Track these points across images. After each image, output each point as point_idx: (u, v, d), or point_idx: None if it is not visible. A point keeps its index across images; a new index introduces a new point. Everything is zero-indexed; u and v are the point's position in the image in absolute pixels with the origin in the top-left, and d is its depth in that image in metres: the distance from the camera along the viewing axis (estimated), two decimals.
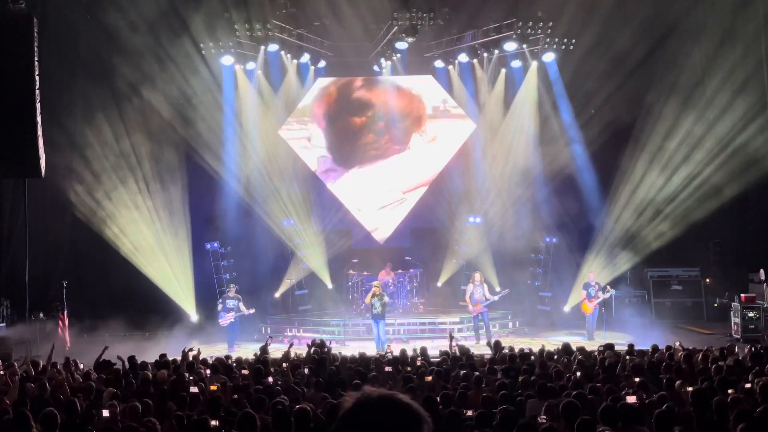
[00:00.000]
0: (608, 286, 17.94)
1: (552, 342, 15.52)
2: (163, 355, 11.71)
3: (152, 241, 19.40)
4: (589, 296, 17.55)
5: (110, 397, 8.49)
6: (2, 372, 10.41)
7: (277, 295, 20.56)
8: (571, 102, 20.57)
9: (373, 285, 16.85)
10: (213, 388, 8.97)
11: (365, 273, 20.30)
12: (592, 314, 17.59)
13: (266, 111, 21.05)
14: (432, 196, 21.53)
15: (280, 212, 20.64)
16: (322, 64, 20.84)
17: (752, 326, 17.15)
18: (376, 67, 21.05)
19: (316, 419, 7.14)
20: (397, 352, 12.62)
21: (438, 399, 7.78)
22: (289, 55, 20.29)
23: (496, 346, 12.48)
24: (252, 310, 17.40)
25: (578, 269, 19.86)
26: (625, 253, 19.96)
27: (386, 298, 16.84)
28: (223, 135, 20.50)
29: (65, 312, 17.22)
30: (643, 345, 12.96)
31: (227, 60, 19.86)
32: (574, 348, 12.12)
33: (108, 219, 19.14)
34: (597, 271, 18.87)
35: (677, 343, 12.14)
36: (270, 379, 9.86)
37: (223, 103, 20.42)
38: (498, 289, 18.39)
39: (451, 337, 13.33)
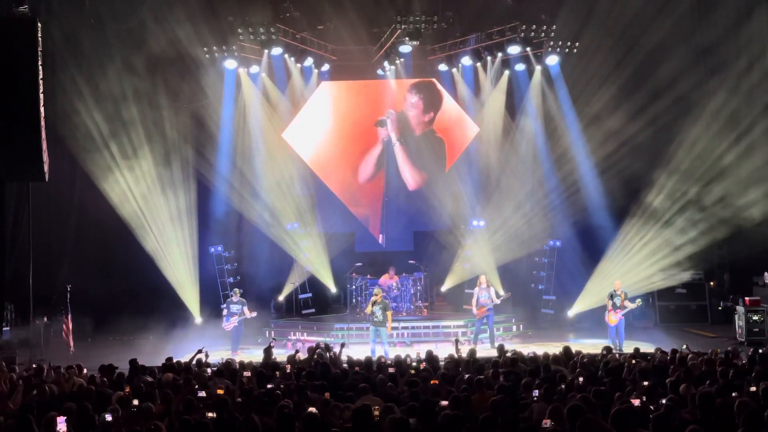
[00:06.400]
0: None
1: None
2: (169, 359, 11.70)
3: (157, 245, 19.42)
4: (615, 306, 16.51)
5: (115, 401, 8.47)
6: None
7: (281, 298, 20.57)
8: (575, 105, 20.53)
9: (374, 293, 16.51)
10: (219, 391, 8.95)
11: (368, 276, 20.27)
12: (616, 326, 16.44)
13: (270, 114, 21.07)
14: (435, 200, 21.49)
15: (284, 216, 20.62)
16: (325, 67, 20.86)
17: (756, 329, 17.16)
18: (379, 71, 21.05)
19: (321, 423, 7.12)
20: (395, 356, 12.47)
21: (441, 403, 7.76)
22: (292, 59, 20.32)
23: (500, 350, 12.45)
24: (254, 314, 17.40)
25: (584, 274, 19.78)
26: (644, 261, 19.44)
27: (389, 305, 16.66)
28: (226, 138, 20.50)
29: (69, 316, 17.20)
30: (647, 348, 12.93)
31: (230, 64, 19.89)
32: (574, 351, 12.09)
33: (112, 222, 19.14)
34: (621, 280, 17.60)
35: (684, 347, 12.09)
36: (274, 382, 9.84)
37: (225, 107, 20.43)
38: (502, 292, 18.26)
39: (457, 341, 13.30)
